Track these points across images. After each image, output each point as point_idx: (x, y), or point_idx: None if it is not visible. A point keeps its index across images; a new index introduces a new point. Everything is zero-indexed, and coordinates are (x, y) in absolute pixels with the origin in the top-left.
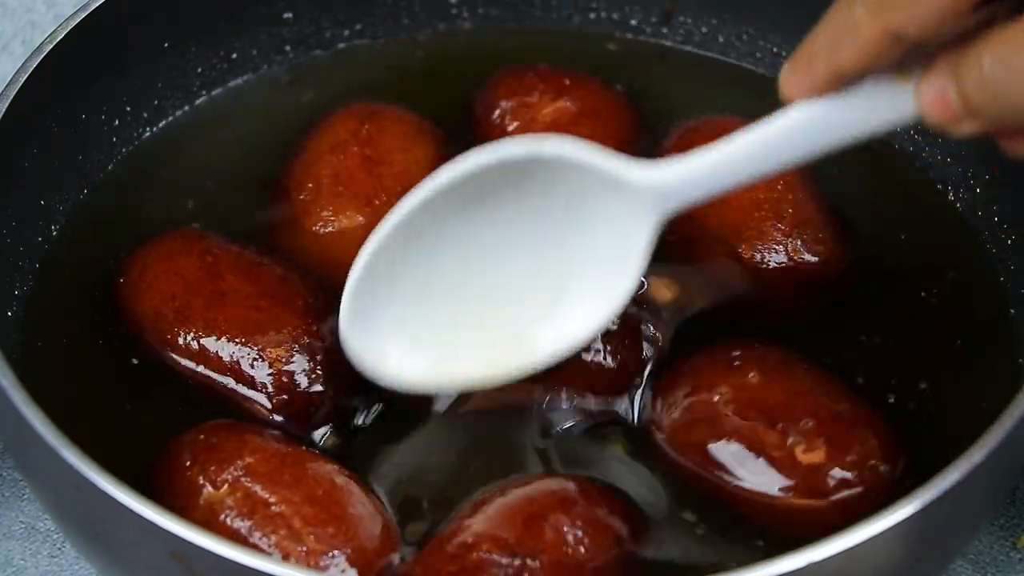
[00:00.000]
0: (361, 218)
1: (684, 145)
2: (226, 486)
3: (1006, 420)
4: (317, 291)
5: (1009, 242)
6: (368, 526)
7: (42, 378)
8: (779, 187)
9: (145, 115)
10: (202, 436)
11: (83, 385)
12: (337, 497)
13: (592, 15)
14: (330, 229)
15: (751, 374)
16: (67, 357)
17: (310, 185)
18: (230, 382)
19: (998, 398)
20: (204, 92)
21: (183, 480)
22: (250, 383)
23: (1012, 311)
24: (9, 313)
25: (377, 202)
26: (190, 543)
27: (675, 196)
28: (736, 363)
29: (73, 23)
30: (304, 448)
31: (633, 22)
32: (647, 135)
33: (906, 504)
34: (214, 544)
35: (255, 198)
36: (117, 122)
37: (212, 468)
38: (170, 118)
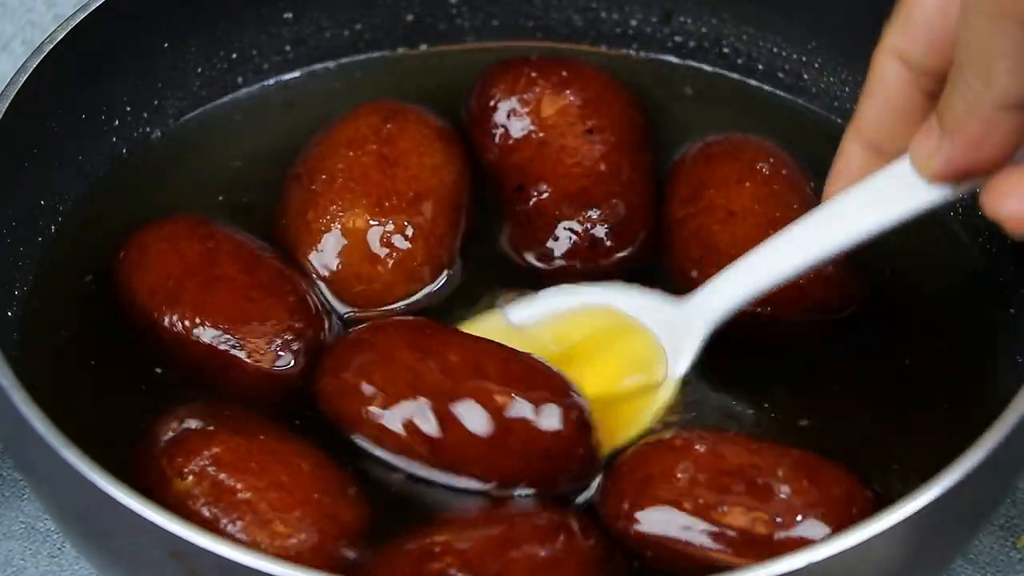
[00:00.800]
0: (367, 217)
1: (708, 160)
2: (191, 476)
3: (1006, 420)
4: (311, 288)
5: (1009, 242)
6: (335, 510)
7: (42, 378)
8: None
9: (145, 115)
10: (173, 423)
11: (83, 385)
12: (303, 482)
13: (591, 15)
14: (335, 224)
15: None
16: (67, 357)
17: (323, 177)
18: (215, 365)
19: (997, 399)
20: (204, 92)
21: (155, 468)
22: (237, 367)
23: (1012, 311)
24: (9, 313)
25: (387, 204)
26: (190, 543)
27: (716, 312)
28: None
29: (73, 23)
30: (277, 433)
31: (633, 23)
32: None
33: (906, 504)
34: (214, 544)
35: (255, 197)
36: (117, 122)
37: (179, 459)
38: (170, 118)
